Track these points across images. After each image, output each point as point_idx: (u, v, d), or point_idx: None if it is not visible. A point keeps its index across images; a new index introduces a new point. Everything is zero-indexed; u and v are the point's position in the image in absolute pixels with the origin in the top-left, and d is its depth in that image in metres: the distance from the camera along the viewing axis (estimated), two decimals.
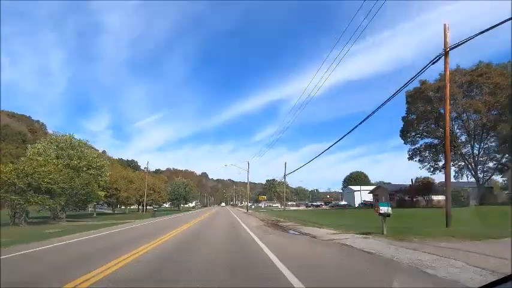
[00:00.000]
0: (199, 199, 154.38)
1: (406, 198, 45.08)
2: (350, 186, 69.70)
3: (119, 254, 7.63)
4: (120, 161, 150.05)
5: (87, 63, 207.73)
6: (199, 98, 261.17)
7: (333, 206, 60.65)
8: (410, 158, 44.07)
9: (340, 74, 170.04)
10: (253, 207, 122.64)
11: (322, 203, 69.41)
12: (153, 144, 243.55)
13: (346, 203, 62.06)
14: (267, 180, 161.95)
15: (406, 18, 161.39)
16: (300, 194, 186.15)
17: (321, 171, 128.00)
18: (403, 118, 42.20)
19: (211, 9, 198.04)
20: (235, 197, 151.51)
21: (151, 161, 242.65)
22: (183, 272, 5.73)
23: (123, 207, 57.47)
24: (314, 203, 71.64)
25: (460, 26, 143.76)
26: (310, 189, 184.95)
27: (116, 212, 52.61)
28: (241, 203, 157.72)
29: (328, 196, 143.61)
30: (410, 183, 46.49)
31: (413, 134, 42.55)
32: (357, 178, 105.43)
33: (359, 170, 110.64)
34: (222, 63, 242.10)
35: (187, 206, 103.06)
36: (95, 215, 40.63)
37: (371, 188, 58.32)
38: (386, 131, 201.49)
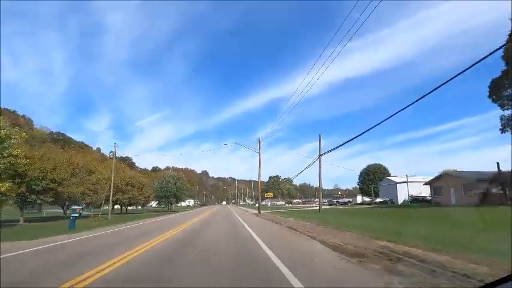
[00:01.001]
0: (197, 197, 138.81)
1: (495, 191, 29.48)
2: (390, 178, 53.79)
3: None
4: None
5: (89, 63, 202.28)
6: (200, 97, 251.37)
7: (369, 204, 44.99)
8: (505, 128, 28.26)
9: (339, 72, 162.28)
10: (256, 205, 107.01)
11: (350, 200, 53.72)
12: (154, 143, 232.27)
13: (387, 199, 46.06)
14: (270, 177, 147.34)
15: (404, 16, 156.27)
16: (304, 191, 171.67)
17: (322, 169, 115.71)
18: (504, 57, 26.26)
19: (212, 9, 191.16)
20: (237, 194, 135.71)
21: (152, 160, 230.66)
22: None
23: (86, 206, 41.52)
24: (340, 200, 55.67)
25: (459, 24, 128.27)
26: (314, 186, 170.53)
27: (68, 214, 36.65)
28: (244, 201, 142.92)
29: (339, 192, 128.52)
30: (498, 170, 30.69)
31: None
32: (375, 171, 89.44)
33: (378, 163, 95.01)
34: (223, 62, 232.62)
35: (183, 204, 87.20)
36: (21, 222, 24.74)
37: (422, 179, 42.62)
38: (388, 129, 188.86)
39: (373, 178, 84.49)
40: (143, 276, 5.20)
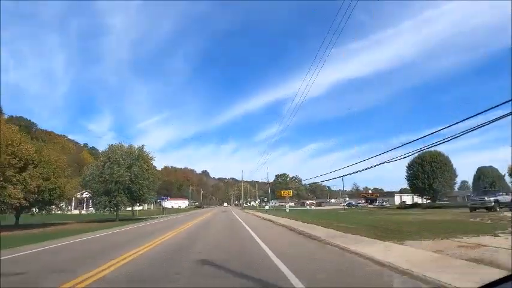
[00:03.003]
0: (191, 197, 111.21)
1: None
2: None
3: None
4: (92, 149, 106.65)
5: (90, 65, 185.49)
6: (201, 98, 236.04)
7: None
8: None
9: (341, 73, 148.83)
10: (266, 207, 78.55)
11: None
12: (155, 145, 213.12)
13: None
14: (277, 176, 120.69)
15: (407, 17, 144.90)
16: (315, 191, 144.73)
17: (321, 170, 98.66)
18: None
19: (212, 9, 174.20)
20: (242, 195, 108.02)
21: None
22: None
23: None
24: (499, 198, 27.00)
25: (459, 24, 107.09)
26: (327, 187, 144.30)
27: None
28: (248, 202, 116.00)
29: (370, 191, 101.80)
30: None
31: None
32: (432, 161, 59.71)
33: (435, 150, 66.05)
34: (224, 63, 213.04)
35: (164, 208, 58.36)
36: None
37: None
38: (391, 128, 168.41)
39: (430, 170, 56.09)
40: None
